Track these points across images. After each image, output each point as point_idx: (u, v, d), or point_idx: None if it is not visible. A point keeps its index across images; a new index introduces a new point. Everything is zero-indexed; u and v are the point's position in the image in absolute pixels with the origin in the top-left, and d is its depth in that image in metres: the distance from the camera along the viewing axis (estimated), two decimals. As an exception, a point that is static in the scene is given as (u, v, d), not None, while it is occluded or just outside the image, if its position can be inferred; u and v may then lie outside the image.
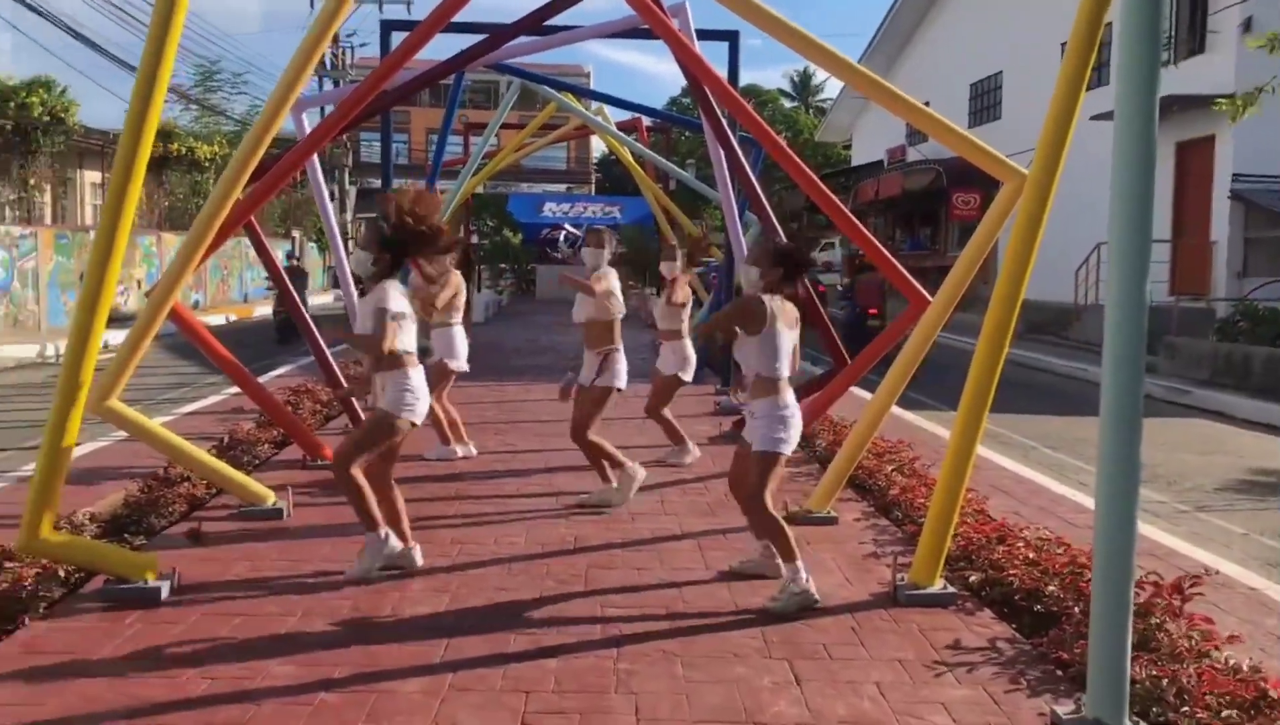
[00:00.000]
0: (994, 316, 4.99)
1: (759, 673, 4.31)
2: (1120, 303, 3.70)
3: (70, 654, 4.38)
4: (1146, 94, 3.68)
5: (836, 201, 8.36)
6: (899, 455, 7.82)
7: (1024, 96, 27.25)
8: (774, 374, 5.15)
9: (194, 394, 12.55)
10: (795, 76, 63.37)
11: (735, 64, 11.82)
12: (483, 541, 6.11)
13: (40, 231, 20.37)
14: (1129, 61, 3.69)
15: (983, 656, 4.53)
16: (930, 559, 5.23)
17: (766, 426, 5.13)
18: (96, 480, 7.32)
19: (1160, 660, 4.09)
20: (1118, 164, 3.72)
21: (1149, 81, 3.68)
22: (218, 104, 31.21)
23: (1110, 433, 3.72)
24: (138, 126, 4.98)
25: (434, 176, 14.22)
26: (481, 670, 4.27)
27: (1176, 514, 7.84)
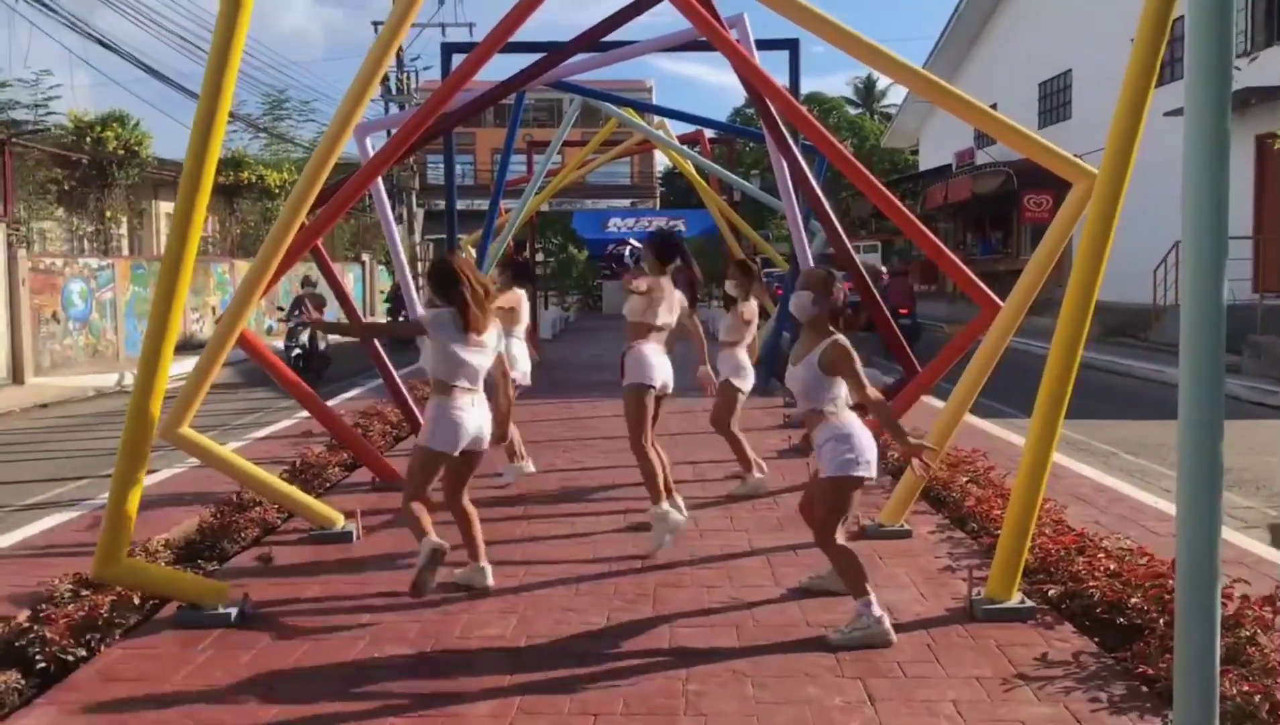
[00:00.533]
0: (1067, 320, 4.86)
1: (831, 692, 4.21)
2: (1196, 304, 3.56)
3: (144, 681, 4.42)
4: (1218, 87, 3.54)
5: (902, 207, 8.24)
6: (973, 465, 7.66)
7: (1094, 94, 26.75)
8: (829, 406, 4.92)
9: (266, 419, 12.73)
10: (859, 83, 63.00)
11: (796, 73, 11.76)
12: (551, 561, 6.08)
13: (117, 262, 20.88)
14: (1199, 54, 3.55)
15: (1064, 672, 4.38)
16: (1007, 572, 5.09)
17: (832, 450, 4.83)
18: (171, 507, 7.42)
19: (1251, 675, 3.92)
20: (1190, 161, 3.58)
21: (1221, 74, 3.54)
22: (286, 131, 31.80)
23: (1189, 436, 3.57)
24: (200, 155, 5.05)
25: (498, 195, 14.32)
26: (549, 694, 4.23)
27: (1265, 519, 7.56)
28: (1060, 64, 29.01)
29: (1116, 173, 4.68)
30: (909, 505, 6.56)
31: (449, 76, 8.21)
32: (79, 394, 16.29)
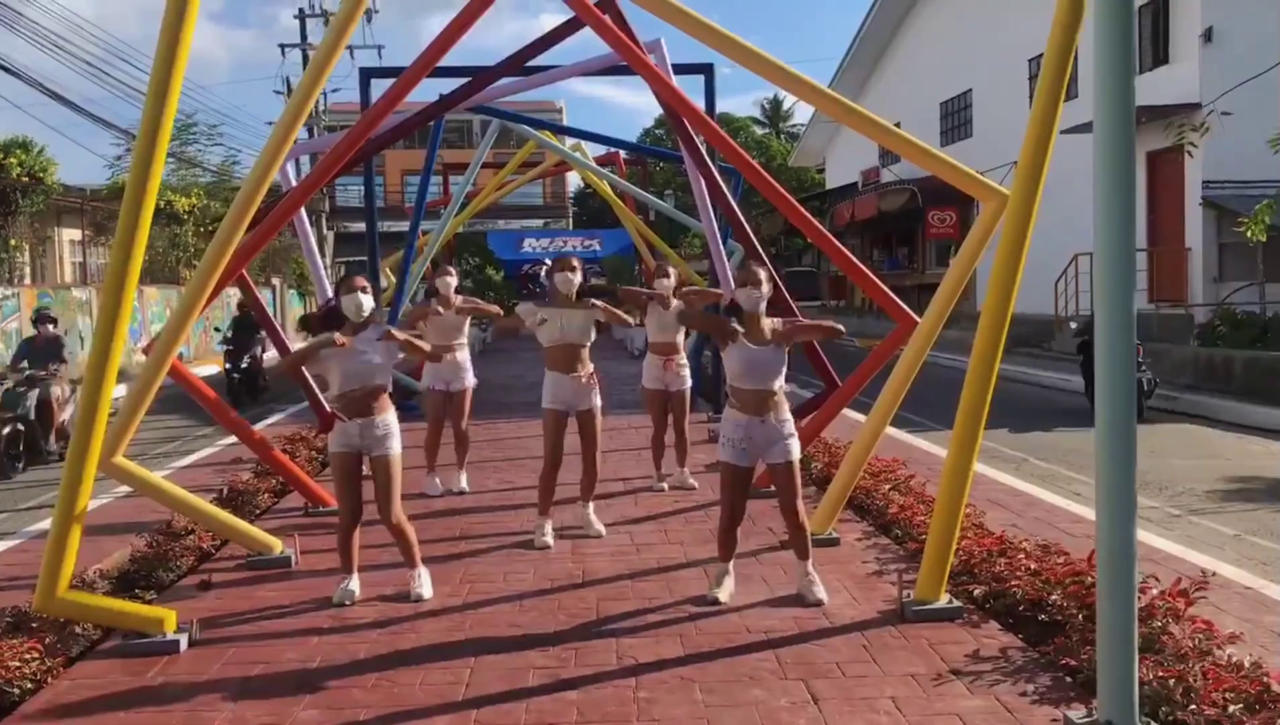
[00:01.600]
0: (985, 334, 5.12)
1: (776, 694, 4.39)
2: (1110, 312, 3.83)
3: (95, 711, 4.43)
4: (1123, 106, 3.83)
5: (816, 224, 8.51)
6: (895, 474, 7.93)
7: (994, 113, 27.64)
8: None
9: (187, 447, 12.56)
10: (766, 104, 63.95)
11: (711, 95, 12.03)
12: (492, 579, 6.18)
13: (23, 291, 20.36)
14: (1106, 75, 3.83)
15: (992, 666, 4.63)
16: (934, 574, 5.33)
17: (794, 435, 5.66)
18: (101, 537, 7.34)
19: (1166, 662, 4.20)
20: (1101, 177, 3.85)
21: (1124, 94, 3.83)
22: (194, 156, 31.27)
23: (1107, 437, 3.84)
24: (140, 187, 5.07)
25: (418, 217, 14.34)
26: (504, 705, 4.35)
27: (1169, 519, 7.97)
28: (961, 84, 29.90)
29: (1028, 191, 4.96)
30: (835, 514, 6.80)
31: (378, 101, 8.28)
32: (-15, 426, 15.84)
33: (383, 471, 5.82)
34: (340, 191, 44.24)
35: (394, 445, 5.86)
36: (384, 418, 5.85)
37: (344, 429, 5.80)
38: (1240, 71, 17.24)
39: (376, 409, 5.82)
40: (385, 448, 5.82)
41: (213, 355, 28.21)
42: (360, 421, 5.78)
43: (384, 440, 5.82)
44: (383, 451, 5.82)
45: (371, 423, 5.80)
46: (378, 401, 5.83)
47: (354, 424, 5.78)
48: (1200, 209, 19.59)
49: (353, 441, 5.81)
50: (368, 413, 5.79)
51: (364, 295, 5.86)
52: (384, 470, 5.82)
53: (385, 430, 5.84)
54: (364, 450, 5.85)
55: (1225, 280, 19.10)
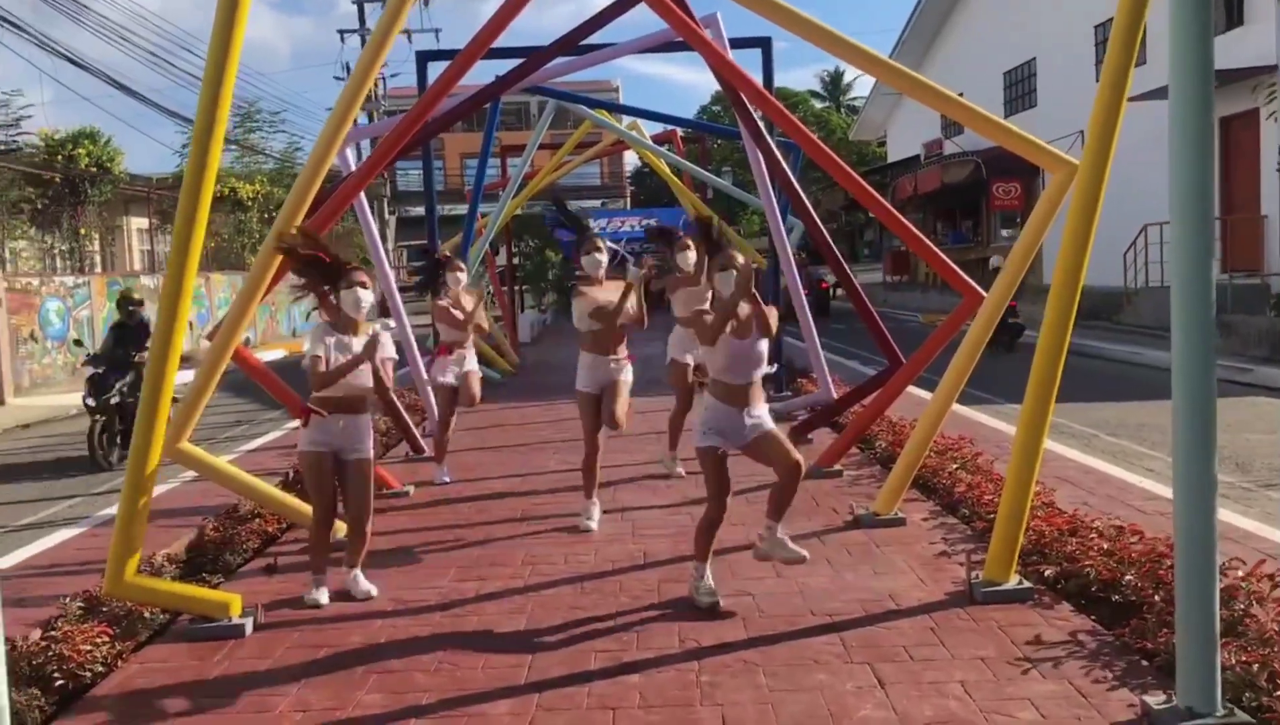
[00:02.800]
0: (1054, 307, 4.98)
1: (841, 678, 4.31)
2: (1186, 283, 3.69)
3: (162, 693, 4.47)
4: (1202, 72, 3.67)
5: (879, 197, 8.36)
6: (961, 452, 7.78)
7: (1059, 82, 27.03)
8: None
9: (253, 431, 12.74)
10: (826, 77, 63.28)
11: (769, 69, 11.86)
12: (554, 561, 6.16)
13: (93, 280, 20.78)
14: (1182, 40, 3.67)
15: (1065, 650, 4.50)
16: (1004, 555, 5.21)
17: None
18: (169, 521, 7.45)
19: (1249, 646, 4.05)
20: (1177, 145, 3.71)
21: (1204, 59, 3.67)
22: (257, 143, 31.66)
23: (1185, 416, 3.70)
24: (198, 174, 5.08)
25: (476, 200, 14.34)
26: (566, 689, 4.31)
27: (1247, 495, 7.73)
28: (1024, 53, 29.27)
29: (1098, 161, 4.80)
30: (901, 494, 6.68)
31: (434, 83, 8.26)
32: (60, 413, 16.20)
33: (361, 473, 5.73)
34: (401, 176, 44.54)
35: (370, 446, 5.81)
36: (367, 417, 5.81)
37: (323, 426, 5.65)
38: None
39: (360, 409, 5.75)
40: (362, 450, 5.73)
41: (279, 340, 28.66)
42: (344, 419, 5.67)
43: (362, 441, 5.73)
44: (360, 453, 5.72)
45: (355, 422, 5.71)
46: (362, 403, 5.78)
47: (335, 421, 5.64)
48: (1277, 175, 18.99)
49: (333, 440, 5.66)
50: (356, 410, 5.72)
51: (364, 291, 5.72)
52: (362, 472, 5.73)
53: (364, 431, 5.76)
54: (339, 450, 5.69)
55: (1304, 248, 18.53)
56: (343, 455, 5.70)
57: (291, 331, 31.33)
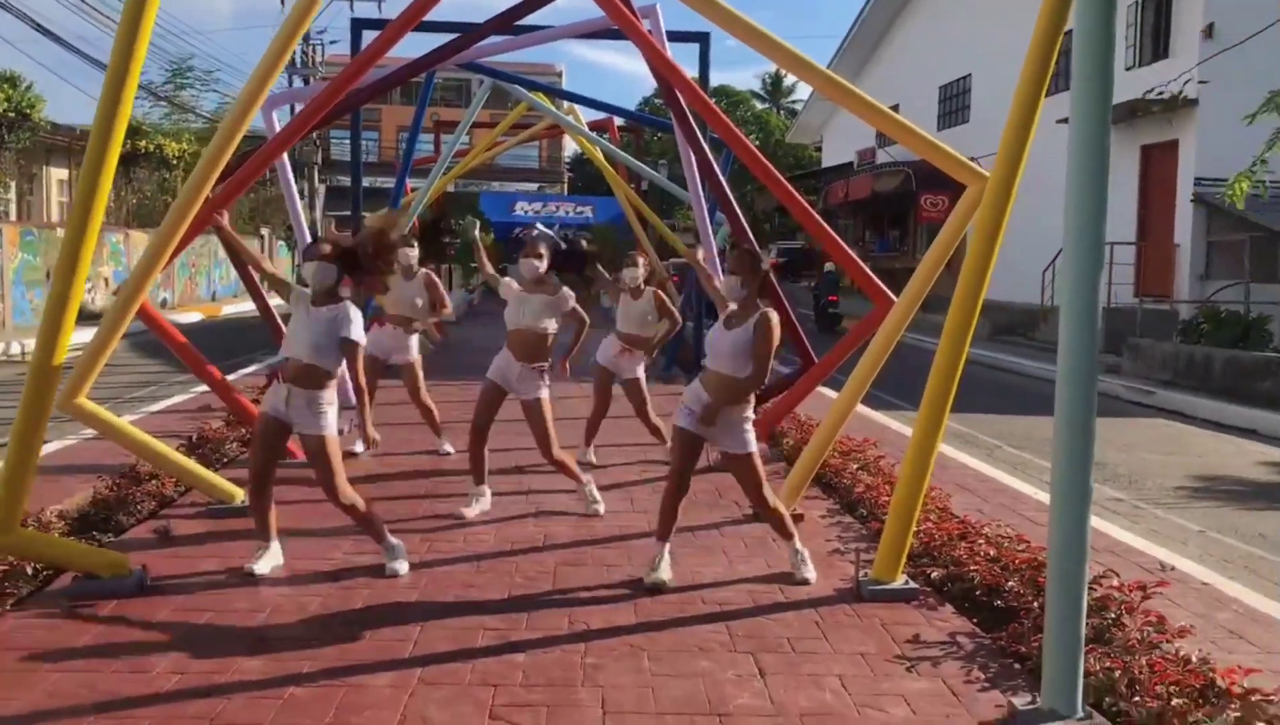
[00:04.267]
0: (955, 316, 5.09)
1: (723, 666, 4.38)
2: (1073, 304, 3.81)
3: (39, 650, 4.39)
4: (1100, 98, 3.79)
5: (805, 203, 8.46)
6: (864, 453, 7.92)
7: (992, 99, 27.49)
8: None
9: (161, 393, 12.50)
10: (767, 78, 63.61)
11: (706, 66, 11.94)
12: (452, 540, 6.15)
13: (5, 228, 20.19)
14: (1084, 67, 3.79)
15: (943, 650, 4.62)
16: (892, 554, 5.32)
17: (746, 429, 5.46)
18: (64, 478, 7.29)
19: (1113, 653, 4.19)
20: (1072, 167, 3.82)
21: (1103, 86, 3.78)
22: (187, 101, 31.00)
23: (1065, 428, 3.82)
24: (108, 123, 4.99)
25: (404, 174, 14.23)
26: (450, 664, 4.33)
27: (1135, 512, 7.98)
28: (960, 69, 29.73)
29: (1007, 175, 4.93)
30: (801, 490, 6.77)
31: (361, 53, 8.18)
32: (-40, 362, 15.77)
33: (312, 451, 5.40)
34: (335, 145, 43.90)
35: (326, 424, 5.36)
36: (320, 393, 5.36)
37: (275, 391, 5.43)
38: (1240, 67, 17.15)
39: (312, 384, 5.35)
40: (317, 426, 5.36)
41: (197, 302, 28.13)
42: (290, 388, 5.36)
43: (316, 418, 5.36)
44: (314, 430, 5.36)
45: (307, 395, 5.34)
46: (313, 378, 5.36)
47: (284, 388, 5.38)
48: (1191, 206, 19.56)
49: (279, 409, 5.40)
50: (303, 385, 5.35)
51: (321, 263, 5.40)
52: (313, 450, 5.39)
53: (318, 407, 5.35)
54: (290, 422, 5.41)
55: (1212, 278, 19.09)
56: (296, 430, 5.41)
57: (211, 295, 30.79)
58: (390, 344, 8.50)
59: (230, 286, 32.71)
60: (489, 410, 6.81)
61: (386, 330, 8.50)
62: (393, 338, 8.50)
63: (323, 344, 5.34)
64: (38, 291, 20.90)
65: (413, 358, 8.55)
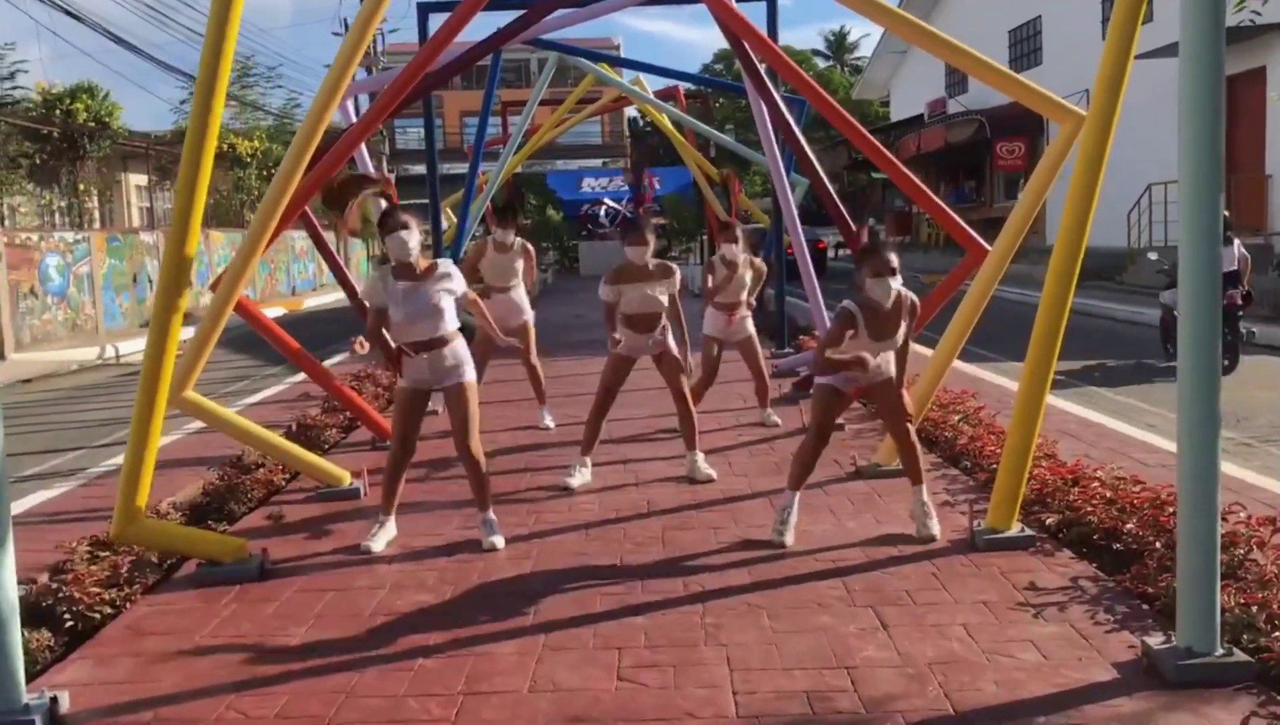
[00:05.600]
0: (1060, 257, 4.97)
1: (844, 620, 4.35)
2: (1195, 241, 3.69)
3: (173, 635, 4.52)
4: (1213, 28, 3.65)
5: (887, 153, 8.31)
6: (964, 406, 7.80)
7: (1064, 40, 26.83)
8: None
9: (255, 386, 12.76)
10: (830, 36, 62.83)
11: (774, 24, 11.76)
12: (558, 510, 6.19)
13: (93, 236, 20.71)
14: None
15: (1066, 595, 4.54)
16: (1006, 503, 5.24)
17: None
18: (172, 471, 7.48)
19: (1248, 588, 4.08)
20: (1186, 103, 3.68)
21: (1215, 14, 3.65)
22: (255, 99, 31.47)
23: (1190, 364, 3.71)
24: (201, 130, 5.05)
25: (477, 157, 14.27)
26: (573, 630, 4.36)
27: (1247, 450, 7.77)
28: (1029, 10, 29.05)
29: (1106, 110, 4.77)
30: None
31: (433, 36, 8.18)
32: (61, 368, 16.23)
33: (456, 401, 5.61)
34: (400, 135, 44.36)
35: (467, 372, 5.63)
36: (453, 347, 5.59)
37: (412, 363, 5.59)
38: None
39: (444, 343, 5.56)
40: (458, 376, 5.60)
41: (279, 297, 28.64)
42: (428, 355, 5.54)
43: (455, 370, 5.59)
44: (455, 380, 5.60)
45: (440, 355, 5.55)
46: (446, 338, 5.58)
47: (421, 358, 5.55)
48: (1281, 134, 18.93)
49: (422, 375, 5.61)
50: (439, 347, 5.55)
51: (406, 232, 5.49)
52: (457, 399, 5.60)
53: (455, 359, 5.59)
54: (433, 384, 5.65)
55: (1307, 208, 18.48)
56: (439, 386, 5.64)
57: (291, 289, 31.32)
58: (504, 311, 8.56)
59: (309, 281, 33.25)
60: (615, 383, 6.92)
61: (496, 300, 8.56)
62: (505, 306, 8.58)
63: (445, 306, 5.57)
64: (125, 295, 21.44)
65: (527, 317, 8.74)
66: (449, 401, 5.65)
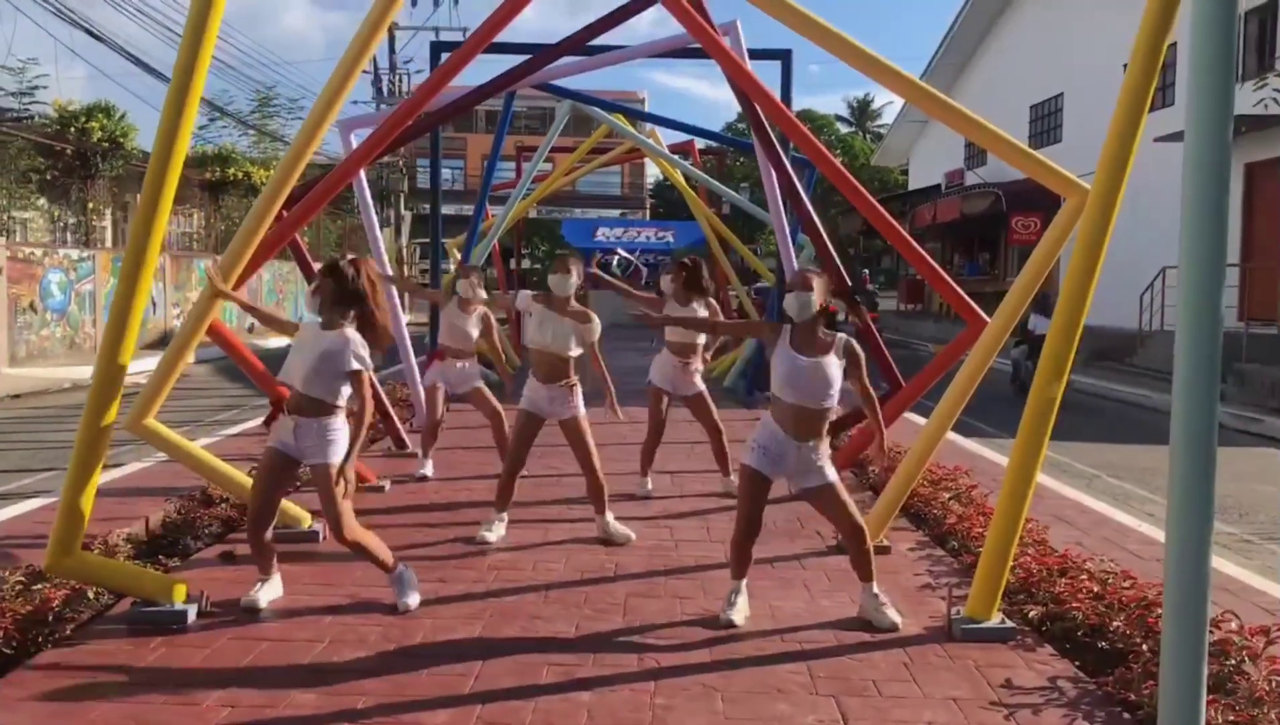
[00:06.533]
0: (1057, 334, 4.75)
1: (803, 710, 4.07)
2: (1192, 324, 3.45)
3: (90, 678, 4.26)
4: (1220, 113, 3.44)
5: (894, 223, 8.11)
6: (955, 482, 7.53)
7: (1085, 119, 26.77)
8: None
9: (241, 416, 12.55)
10: (854, 102, 63.18)
11: (788, 83, 11.67)
12: (521, 567, 5.92)
13: (98, 254, 20.66)
14: (1201, 77, 3.44)
15: (1043, 697, 4.25)
16: (987, 591, 4.96)
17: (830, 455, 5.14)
18: (137, 499, 7.24)
19: (1238, 705, 3.80)
20: (1190, 183, 3.47)
21: (1222, 101, 3.43)
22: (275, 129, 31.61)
23: (1181, 458, 3.45)
24: (169, 142, 4.88)
25: (483, 198, 14.18)
26: (512, 702, 4.08)
27: (1248, 546, 7.47)
28: (1052, 88, 29.04)
29: (1110, 189, 4.59)
30: (888, 521, 6.42)
31: (434, 73, 8.08)
32: (54, 385, 16.07)
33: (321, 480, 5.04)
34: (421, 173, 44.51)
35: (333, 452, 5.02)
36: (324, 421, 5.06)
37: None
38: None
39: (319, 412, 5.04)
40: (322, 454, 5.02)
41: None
42: (297, 420, 5.05)
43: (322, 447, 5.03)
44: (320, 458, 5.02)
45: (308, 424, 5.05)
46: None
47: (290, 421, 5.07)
48: (1300, 225, 18.73)
49: (286, 440, 5.10)
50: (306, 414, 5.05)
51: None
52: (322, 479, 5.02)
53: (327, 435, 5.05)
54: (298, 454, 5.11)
55: (1323, 301, 18.23)
56: (303, 459, 5.14)
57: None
58: (455, 378, 8.35)
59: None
60: (524, 439, 6.65)
61: (454, 367, 8.34)
62: (457, 373, 8.34)
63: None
64: (130, 317, 21.33)
65: (478, 384, 8.39)
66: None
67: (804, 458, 4.97)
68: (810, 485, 5.04)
